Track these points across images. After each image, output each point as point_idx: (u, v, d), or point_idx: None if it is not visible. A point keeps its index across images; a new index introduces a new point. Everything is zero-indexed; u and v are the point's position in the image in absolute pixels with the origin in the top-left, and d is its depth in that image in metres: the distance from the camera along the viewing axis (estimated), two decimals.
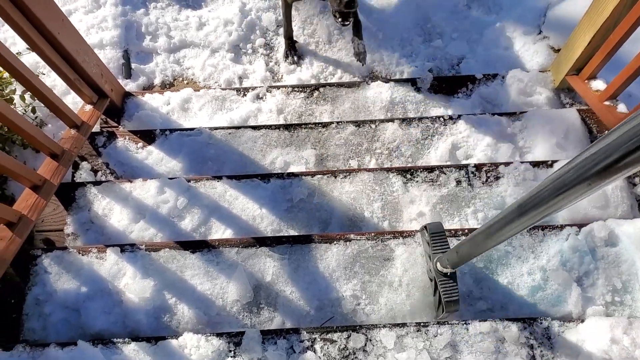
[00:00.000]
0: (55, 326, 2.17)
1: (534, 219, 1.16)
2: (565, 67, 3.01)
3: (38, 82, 2.36)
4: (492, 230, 1.38)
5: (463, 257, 1.73)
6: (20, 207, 2.26)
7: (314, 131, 2.93)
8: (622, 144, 0.83)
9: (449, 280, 1.94)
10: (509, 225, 1.27)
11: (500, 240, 1.40)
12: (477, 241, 1.53)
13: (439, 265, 1.95)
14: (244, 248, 2.29)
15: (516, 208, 1.21)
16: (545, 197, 1.07)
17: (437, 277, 1.96)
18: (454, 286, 1.93)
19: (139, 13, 3.80)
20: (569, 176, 0.98)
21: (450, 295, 1.91)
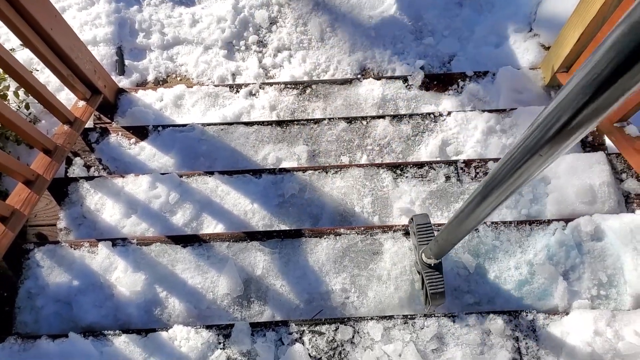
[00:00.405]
0: (47, 319, 2.19)
1: (499, 199, 1.16)
2: (555, 64, 3.03)
3: (31, 78, 2.37)
4: (463, 215, 1.39)
5: (443, 246, 1.74)
6: (13, 201, 2.28)
7: (306, 127, 2.95)
8: (561, 111, 0.84)
9: (434, 272, 1.95)
10: (478, 208, 1.28)
11: (472, 225, 1.40)
12: (452, 228, 1.53)
13: (424, 257, 1.97)
14: (235, 242, 2.32)
15: (481, 190, 1.22)
16: (505, 174, 1.07)
17: (423, 268, 1.98)
18: (440, 277, 1.94)
19: (133, 10, 3.82)
20: (521, 150, 0.99)
21: (436, 287, 1.93)
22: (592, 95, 0.79)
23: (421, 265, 2.00)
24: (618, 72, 0.73)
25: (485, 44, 3.56)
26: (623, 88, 0.75)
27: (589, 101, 0.80)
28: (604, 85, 0.76)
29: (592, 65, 0.76)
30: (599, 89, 0.77)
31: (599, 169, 2.50)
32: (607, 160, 2.53)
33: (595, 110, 0.81)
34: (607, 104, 0.79)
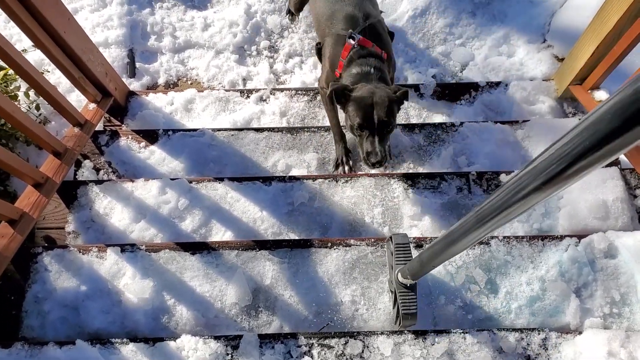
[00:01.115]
0: (54, 324, 2.17)
1: (492, 227, 1.12)
2: (568, 76, 3.01)
3: (42, 79, 2.36)
4: (451, 238, 1.32)
5: (424, 266, 1.64)
6: (22, 204, 2.27)
7: (317, 135, 2.94)
8: (569, 151, 0.80)
9: (409, 292, 1.90)
10: (469, 234, 1.21)
11: (462, 249, 1.33)
12: (437, 250, 1.45)
13: (399, 277, 1.91)
14: (244, 251, 2.30)
15: (474, 216, 1.17)
16: (502, 204, 1.03)
17: (398, 288, 1.92)
18: (413, 298, 1.89)
19: (145, 13, 3.81)
20: (522, 183, 0.95)
21: (409, 307, 1.88)
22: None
23: (396, 284, 1.94)
24: None
25: (498, 54, 3.54)
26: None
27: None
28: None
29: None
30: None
31: (613, 184, 2.47)
32: (620, 176, 2.51)
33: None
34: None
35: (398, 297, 1.91)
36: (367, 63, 2.44)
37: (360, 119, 2.28)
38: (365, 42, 2.48)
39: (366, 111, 2.27)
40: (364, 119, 2.28)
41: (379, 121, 2.26)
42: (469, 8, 3.75)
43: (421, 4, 3.72)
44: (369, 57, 2.47)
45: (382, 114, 2.25)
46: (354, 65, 2.47)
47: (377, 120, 2.26)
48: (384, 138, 2.33)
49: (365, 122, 2.28)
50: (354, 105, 2.31)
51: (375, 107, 2.26)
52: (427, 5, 3.72)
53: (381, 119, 2.26)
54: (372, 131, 2.30)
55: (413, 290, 1.90)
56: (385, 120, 2.26)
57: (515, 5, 3.70)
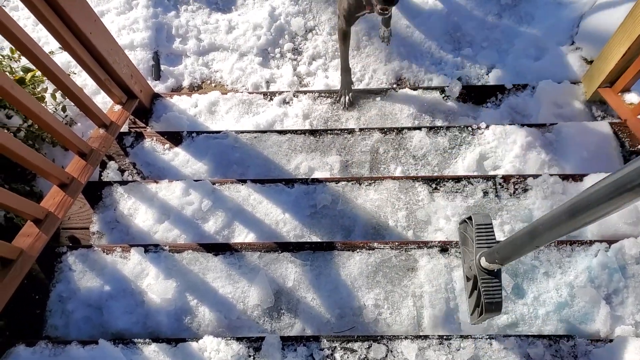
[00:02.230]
0: (77, 324, 2.19)
1: (585, 220, 1.09)
2: (598, 79, 2.95)
3: (69, 81, 2.39)
4: (555, 221, 1.25)
5: (522, 247, 1.53)
6: (48, 204, 2.29)
7: (340, 137, 2.92)
8: None
9: (492, 279, 1.74)
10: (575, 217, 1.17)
11: (552, 237, 1.28)
12: (535, 234, 1.36)
13: (483, 261, 1.76)
14: (267, 252, 2.29)
15: (568, 207, 1.13)
16: (599, 199, 1.00)
17: (480, 274, 1.78)
18: (498, 285, 1.74)
19: (170, 15, 3.84)
20: (624, 180, 0.92)
21: (493, 295, 1.73)
22: None
23: (478, 270, 1.80)
24: None
25: (525, 56, 3.48)
26: None
27: None
28: None
29: None
30: None
31: None
32: None
33: None
34: None
35: (480, 284, 1.76)
36: None
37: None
38: None
39: None
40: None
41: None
42: (496, 10, 3.70)
43: (447, 6, 3.68)
44: None
45: None
46: None
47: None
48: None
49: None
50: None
51: None
52: (453, 8, 3.68)
53: None
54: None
55: (497, 277, 1.75)
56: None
57: (543, 7, 3.64)
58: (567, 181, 2.48)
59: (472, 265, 1.86)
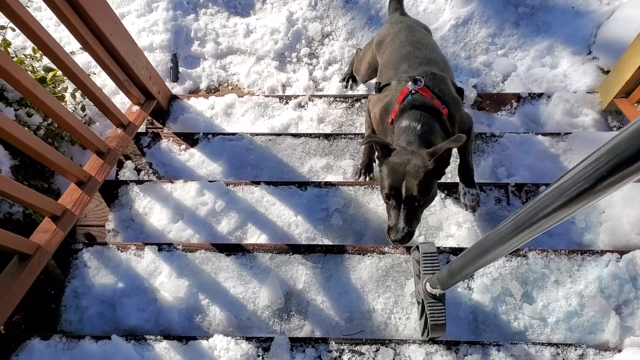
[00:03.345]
0: (91, 319, 2.22)
1: (530, 234, 1.08)
2: (614, 89, 2.94)
3: (89, 81, 2.43)
4: (482, 248, 1.28)
5: (454, 276, 1.60)
6: (65, 201, 2.33)
7: (354, 142, 2.94)
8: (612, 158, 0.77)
9: (437, 303, 1.83)
10: (506, 241, 1.15)
11: (489, 260, 1.29)
12: (470, 257, 1.40)
13: (428, 286, 1.85)
14: (278, 254, 2.31)
15: (513, 222, 1.13)
16: (544, 210, 0.99)
17: (425, 298, 1.86)
18: (442, 309, 1.82)
19: (189, 18, 3.89)
20: (567, 189, 0.91)
21: (438, 318, 1.82)
22: None
23: (424, 295, 1.88)
24: None
25: (541, 65, 3.48)
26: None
27: None
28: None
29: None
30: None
31: None
32: None
33: None
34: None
35: (426, 308, 1.85)
36: (417, 117, 2.12)
37: (387, 188, 1.99)
38: (424, 91, 2.15)
39: (395, 181, 1.97)
40: (391, 189, 1.98)
41: (407, 195, 1.95)
42: (513, 18, 3.70)
43: (463, 13, 3.70)
44: (422, 109, 2.14)
45: (412, 188, 1.93)
46: (405, 116, 2.15)
47: (404, 193, 1.95)
48: (412, 213, 1.99)
49: (393, 192, 1.98)
50: (386, 170, 2.02)
51: (405, 178, 1.95)
52: (470, 15, 3.69)
53: (410, 193, 1.94)
54: (399, 203, 1.99)
55: (441, 301, 1.84)
56: (414, 195, 1.94)
57: (560, 16, 3.63)
58: None
59: (419, 291, 1.94)
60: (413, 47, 2.43)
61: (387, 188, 1.99)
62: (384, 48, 2.63)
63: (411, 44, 2.45)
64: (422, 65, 2.32)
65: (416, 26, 2.66)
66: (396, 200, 1.98)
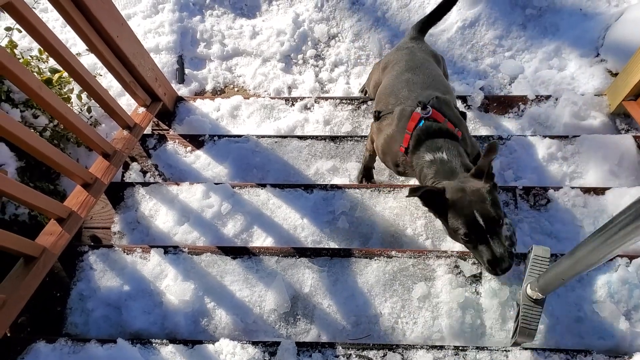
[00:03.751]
0: (97, 322, 2.22)
1: (621, 246, 1.08)
2: (622, 92, 2.92)
3: (95, 83, 2.43)
4: (588, 249, 1.27)
5: (551, 280, 1.61)
6: (71, 203, 2.33)
7: (360, 144, 2.92)
8: None
9: (534, 307, 1.79)
10: (624, 231, 1.14)
11: (606, 255, 1.25)
12: (571, 262, 1.40)
13: (528, 289, 1.81)
14: (284, 257, 2.30)
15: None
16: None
17: (524, 300, 1.83)
18: (537, 315, 1.78)
19: (195, 20, 3.89)
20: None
21: (529, 323, 1.78)
22: None
23: (522, 297, 1.85)
24: None
25: (549, 67, 3.46)
26: None
27: None
28: None
29: None
30: None
31: None
32: None
33: None
34: None
35: (521, 310, 1.81)
36: (441, 146, 2.05)
37: (464, 226, 1.85)
38: (436, 115, 2.09)
39: (467, 216, 1.84)
40: (469, 226, 1.84)
41: (486, 221, 1.82)
42: (520, 20, 3.68)
43: (471, 15, 3.68)
44: (444, 137, 2.08)
45: (487, 212, 1.82)
46: (426, 148, 2.07)
47: (483, 221, 1.82)
48: (498, 235, 1.85)
49: (472, 229, 1.84)
50: (452, 212, 1.88)
51: (475, 208, 1.83)
52: (477, 17, 3.67)
53: (487, 217, 1.82)
54: (482, 234, 1.84)
55: (540, 305, 1.79)
56: (492, 217, 1.82)
57: (568, 18, 3.61)
58: (589, 194, 2.46)
59: (521, 292, 1.89)
60: (412, 73, 2.38)
61: (463, 227, 1.85)
62: (385, 73, 2.59)
63: (410, 70, 2.41)
64: (423, 89, 2.27)
65: (419, 52, 2.57)
66: (478, 233, 1.85)
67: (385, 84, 2.47)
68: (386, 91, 2.42)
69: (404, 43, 2.71)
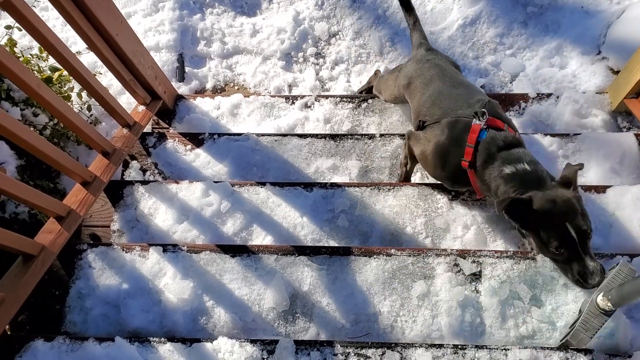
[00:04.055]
0: (95, 320, 2.22)
1: None
2: (624, 89, 2.91)
3: (95, 81, 2.43)
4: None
5: (625, 295, 1.65)
6: (70, 201, 2.33)
7: (360, 142, 2.92)
8: None
9: (599, 316, 1.79)
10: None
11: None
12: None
13: (599, 297, 1.80)
14: (283, 256, 2.30)
15: None
16: None
17: (590, 307, 1.82)
18: (599, 324, 1.79)
19: (196, 18, 3.88)
20: None
21: (586, 329, 1.79)
22: None
23: (590, 304, 1.83)
24: None
25: (550, 65, 3.44)
26: None
27: None
28: None
29: None
30: None
31: None
32: None
33: None
34: None
35: (583, 315, 1.82)
36: (521, 157, 2.01)
37: (556, 239, 1.81)
38: (494, 122, 2.08)
39: (559, 227, 1.80)
40: (561, 239, 1.80)
41: (578, 232, 1.79)
42: (521, 18, 3.67)
43: (471, 13, 3.67)
44: (514, 147, 2.05)
45: (579, 223, 1.80)
46: (503, 161, 2.02)
47: (575, 233, 1.78)
48: (589, 248, 1.83)
49: (563, 242, 1.81)
50: (542, 224, 1.85)
51: (567, 219, 1.80)
52: (478, 15, 3.66)
53: (579, 228, 1.79)
54: (574, 246, 1.81)
55: (605, 316, 1.79)
56: (584, 229, 1.80)
57: (569, 15, 3.60)
58: (590, 192, 2.44)
59: (590, 299, 1.88)
60: (448, 85, 2.38)
61: (556, 240, 1.82)
62: (414, 90, 2.55)
63: (443, 80, 2.41)
64: (467, 100, 2.24)
65: (443, 64, 2.58)
66: (569, 245, 1.81)
67: (425, 100, 2.42)
68: (426, 104, 2.39)
69: (422, 56, 2.69)
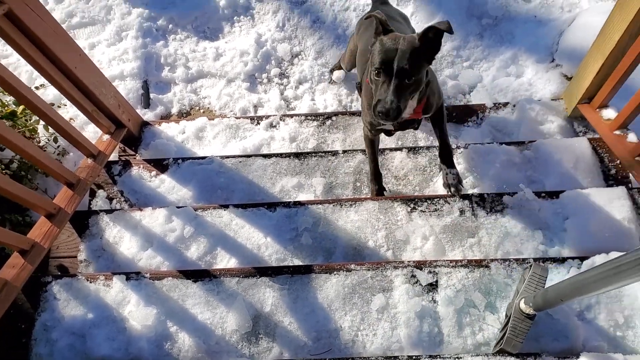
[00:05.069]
0: (62, 352, 2.23)
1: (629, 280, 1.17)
2: (577, 95, 2.99)
3: (54, 114, 2.46)
4: (585, 281, 1.39)
5: (550, 300, 1.72)
6: (34, 234, 2.35)
7: (324, 159, 2.97)
8: None
9: (525, 320, 1.91)
10: (603, 281, 1.29)
11: (615, 285, 1.34)
12: (584, 283, 1.47)
13: (522, 303, 1.92)
14: (245, 278, 2.33)
15: (613, 266, 1.24)
16: None
17: (514, 313, 1.94)
18: (526, 328, 1.90)
19: (159, 45, 3.93)
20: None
21: (516, 335, 1.89)
22: None
23: (514, 310, 1.95)
24: None
25: (506, 74, 3.53)
26: None
27: None
28: None
29: None
30: None
31: (619, 204, 2.43)
32: (628, 196, 2.46)
33: None
34: None
35: (511, 321, 1.92)
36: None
37: (378, 62, 2.00)
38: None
39: (387, 56, 1.98)
40: (383, 64, 1.98)
41: (399, 68, 1.96)
42: (477, 30, 3.76)
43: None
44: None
45: (403, 62, 1.95)
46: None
47: (396, 67, 1.96)
48: (401, 88, 1.99)
49: (384, 67, 1.99)
50: (379, 47, 2.04)
51: (397, 54, 1.97)
52: None
53: (401, 66, 1.95)
54: (389, 78, 1.99)
55: (530, 320, 1.92)
56: (405, 68, 1.95)
57: (522, 25, 3.69)
58: (544, 198, 2.51)
59: (512, 305, 2.00)
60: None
61: (378, 63, 2.00)
62: (361, 35, 2.75)
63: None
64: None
65: (392, 14, 2.76)
66: (387, 75, 1.99)
67: (365, 44, 2.57)
68: (366, 49, 2.51)
69: (374, 7, 2.88)
